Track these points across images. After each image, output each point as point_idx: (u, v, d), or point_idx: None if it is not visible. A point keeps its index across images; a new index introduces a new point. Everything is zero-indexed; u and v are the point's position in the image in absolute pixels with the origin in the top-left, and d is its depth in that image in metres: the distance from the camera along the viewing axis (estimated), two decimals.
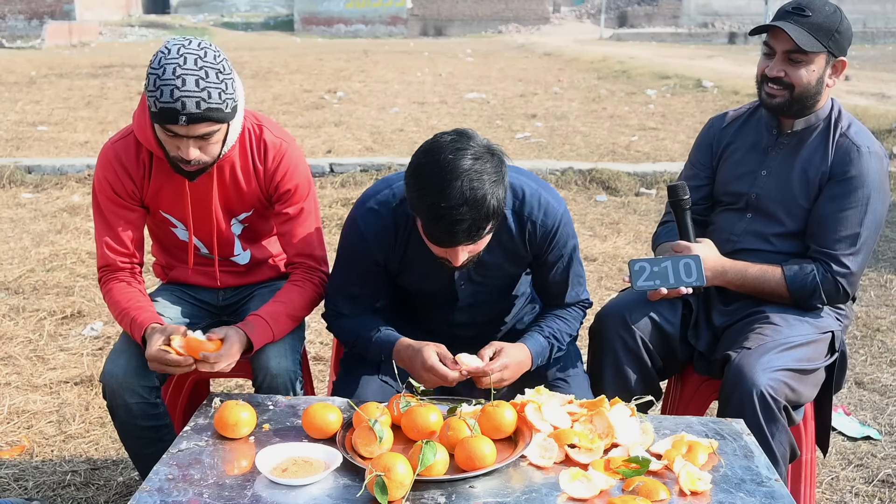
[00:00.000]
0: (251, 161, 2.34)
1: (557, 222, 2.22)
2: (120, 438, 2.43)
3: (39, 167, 7.37)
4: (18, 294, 4.66)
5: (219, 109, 2.06)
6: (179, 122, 2.03)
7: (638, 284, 2.37)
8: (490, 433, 1.87)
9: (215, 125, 2.10)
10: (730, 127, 2.62)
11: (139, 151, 2.30)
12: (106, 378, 2.27)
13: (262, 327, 2.26)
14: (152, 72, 2.04)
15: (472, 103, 12.39)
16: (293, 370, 2.30)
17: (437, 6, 35.89)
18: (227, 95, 2.08)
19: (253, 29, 35.58)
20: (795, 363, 2.26)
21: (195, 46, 2.06)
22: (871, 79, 15.87)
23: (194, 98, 2.01)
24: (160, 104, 2.02)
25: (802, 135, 2.45)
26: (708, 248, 2.42)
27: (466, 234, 1.94)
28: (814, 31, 2.32)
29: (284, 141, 2.37)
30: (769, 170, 2.48)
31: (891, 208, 6.57)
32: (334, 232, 5.83)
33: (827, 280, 2.35)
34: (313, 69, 17.48)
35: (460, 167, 1.88)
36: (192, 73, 2.01)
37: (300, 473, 1.76)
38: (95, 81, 14.66)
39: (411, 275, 2.30)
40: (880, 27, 33.88)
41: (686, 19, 35.88)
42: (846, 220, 2.35)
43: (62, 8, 31.12)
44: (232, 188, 2.36)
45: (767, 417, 2.16)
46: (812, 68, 2.35)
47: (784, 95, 2.39)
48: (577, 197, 6.93)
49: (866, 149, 2.36)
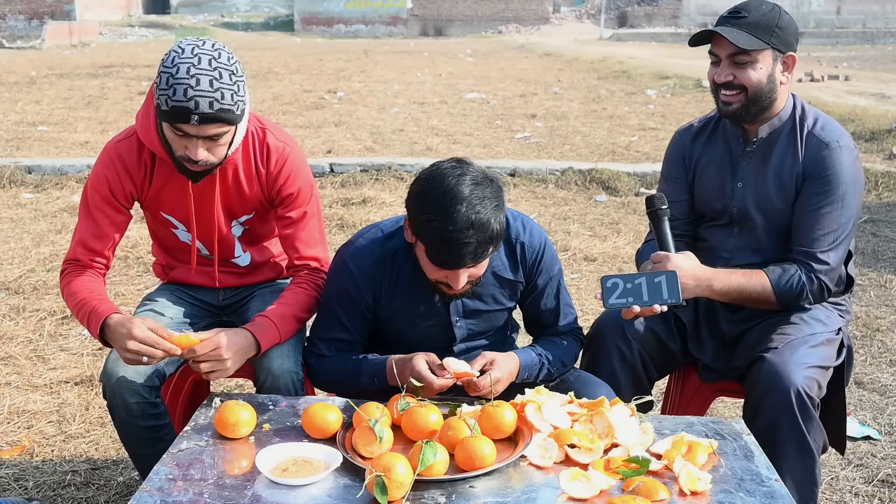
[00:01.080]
0: (254, 164, 2.34)
1: (543, 242, 2.31)
2: (120, 438, 2.43)
3: (39, 167, 7.37)
4: (18, 294, 4.66)
5: (230, 111, 2.07)
6: (192, 121, 2.03)
7: (609, 302, 2.21)
8: (490, 433, 1.87)
9: (225, 126, 2.10)
10: (698, 140, 2.57)
11: (141, 152, 2.30)
12: (106, 378, 2.27)
13: (270, 329, 2.25)
14: (165, 70, 2.03)
15: (472, 103, 12.39)
16: (295, 371, 2.29)
17: (437, 6, 35.89)
18: (238, 97, 2.08)
19: (253, 29, 35.58)
20: (821, 360, 2.28)
21: (209, 47, 2.06)
22: (871, 79, 15.88)
23: (208, 98, 2.01)
24: (172, 102, 2.01)
25: (769, 140, 2.42)
26: (688, 260, 2.33)
27: (472, 256, 2.00)
28: (752, 30, 2.30)
29: (287, 144, 2.37)
30: (744, 181, 2.45)
31: (890, 207, 6.58)
32: (334, 232, 5.83)
33: (811, 280, 2.33)
34: (313, 69, 17.48)
35: (463, 192, 1.98)
36: (206, 74, 2.01)
37: (300, 473, 1.76)
38: (95, 81, 14.66)
39: (402, 314, 2.27)
40: (880, 27, 33.88)
41: (686, 19, 35.87)
42: (823, 219, 2.33)
43: (62, 8, 31.11)
44: (234, 191, 2.36)
45: (805, 415, 2.17)
46: (759, 66, 2.32)
47: (739, 99, 2.35)
48: (577, 197, 6.93)
49: (836, 144, 2.34)
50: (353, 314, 2.26)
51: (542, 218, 6.25)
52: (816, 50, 25.98)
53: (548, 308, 2.35)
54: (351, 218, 6.08)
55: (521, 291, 2.33)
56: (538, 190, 7.08)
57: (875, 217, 6.31)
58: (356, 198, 6.59)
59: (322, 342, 2.30)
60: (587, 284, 4.88)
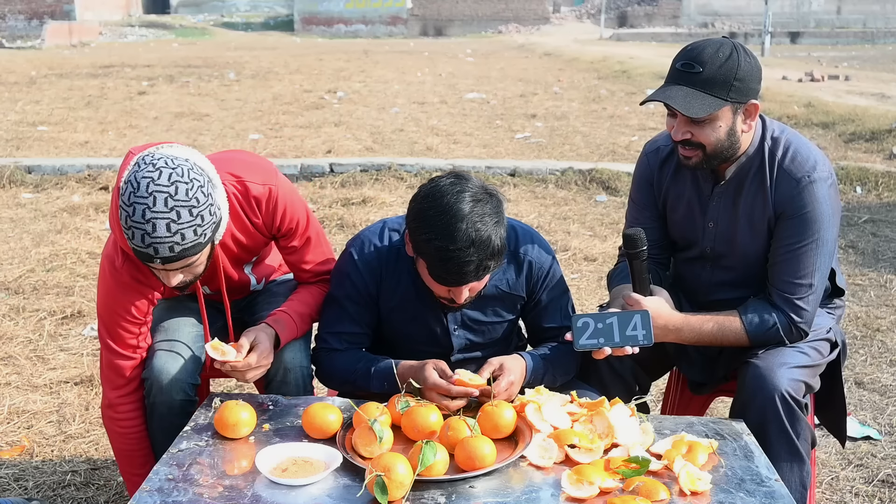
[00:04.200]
0: (246, 219, 2.28)
1: (551, 260, 2.30)
2: (151, 438, 2.35)
3: (39, 167, 7.37)
4: (18, 294, 4.66)
5: (195, 246, 1.94)
6: (155, 262, 1.94)
7: (580, 343, 2.10)
8: (490, 433, 1.87)
9: (192, 258, 1.99)
10: (666, 167, 2.43)
11: (139, 263, 2.18)
12: (156, 375, 2.23)
13: (290, 326, 2.27)
14: (123, 205, 1.90)
15: (472, 103, 12.39)
16: (306, 366, 2.31)
17: (437, 6, 35.89)
18: (202, 229, 1.94)
19: (253, 29, 35.58)
20: (808, 360, 2.26)
21: (165, 180, 1.88)
22: (871, 79, 15.87)
23: (167, 243, 1.89)
24: (133, 245, 1.91)
25: (738, 178, 2.28)
26: (660, 304, 2.23)
27: (474, 274, 2.01)
28: (708, 88, 2.11)
29: (272, 185, 2.28)
30: (714, 221, 2.34)
31: (890, 207, 6.57)
32: (334, 232, 5.83)
33: (790, 330, 2.25)
34: (313, 69, 17.48)
35: (463, 210, 1.97)
36: (162, 217, 1.86)
37: (300, 473, 1.76)
38: (95, 81, 14.65)
39: (404, 315, 2.28)
40: (880, 27, 33.90)
41: (686, 19, 35.89)
42: (801, 259, 2.22)
43: (62, 8, 31.12)
44: (236, 248, 2.34)
45: (791, 418, 2.15)
46: (718, 124, 2.16)
47: (698, 155, 2.21)
48: (577, 197, 6.93)
49: (807, 179, 2.19)
50: (360, 304, 2.27)
51: (542, 218, 6.25)
52: (816, 50, 26.00)
53: (552, 326, 2.33)
54: (351, 218, 6.08)
55: (521, 305, 2.33)
56: (538, 190, 7.08)
57: (875, 217, 6.31)
58: (356, 198, 6.59)
59: (332, 336, 2.30)
60: (587, 284, 4.89)
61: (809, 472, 2.24)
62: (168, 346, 2.30)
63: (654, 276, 2.39)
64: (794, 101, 11.47)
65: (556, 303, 2.33)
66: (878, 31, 32.73)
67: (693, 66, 2.13)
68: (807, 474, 2.22)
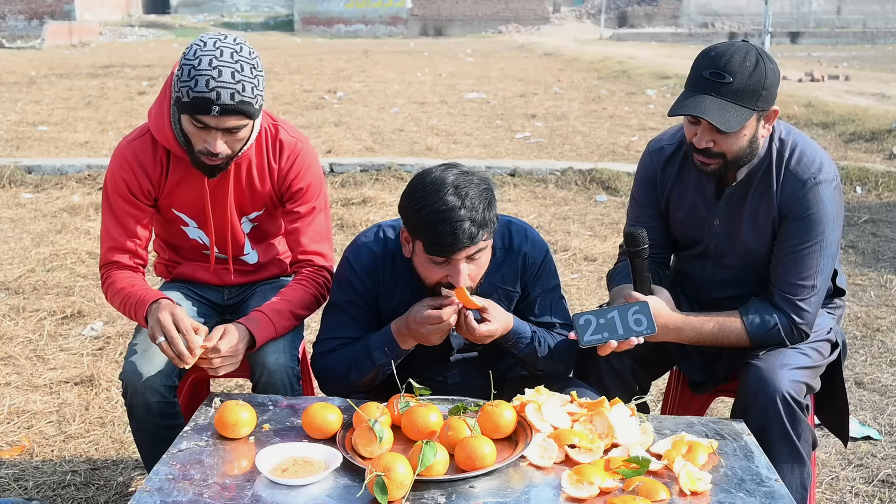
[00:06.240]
0: (266, 160, 2.36)
1: (544, 254, 2.31)
2: (135, 439, 2.42)
3: (39, 167, 7.37)
4: (18, 294, 4.66)
5: (250, 104, 2.09)
6: (212, 111, 2.05)
7: (585, 340, 2.11)
8: (490, 433, 1.87)
9: (244, 119, 2.12)
10: (669, 166, 2.42)
11: (156, 150, 2.31)
12: (129, 377, 2.26)
13: (264, 323, 2.25)
14: (186, 62, 2.05)
15: (472, 103, 12.40)
16: (291, 366, 2.29)
17: (437, 6, 35.90)
18: (258, 91, 2.11)
19: (253, 29, 35.58)
20: (809, 361, 2.26)
21: (231, 41, 2.09)
22: (871, 79, 15.88)
23: (229, 89, 2.04)
24: (194, 93, 2.03)
25: (747, 180, 2.29)
26: (661, 304, 2.22)
27: (468, 236, 2.00)
28: (739, 99, 2.10)
29: (300, 140, 2.40)
30: (720, 219, 2.35)
31: (890, 207, 6.58)
32: (334, 232, 5.81)
33: (791, 332, 2.26)
34: (313, 69, 17.48)
35: (447, 178, 2.03)
36: (228, 66, 2.04)
37: (300, 473, 1.76)
38: (95, 81, 14.66)
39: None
40: (880, 27, 33.90)
41: (686, 19, 35.90)
42: (804, 261, 2.23)
43: (62, 8, 31.12)
44: (247, 187, 2.37)
45: (792, 419, 2.15)
46: (743, 133, 2.15)
47: (717, 163, 2.21)
48: (577, 197, 6.93)
49: (812, 181, 2.21)
50: (362, 307, 2.26)
51: (542, 218, 6.25)
52: (816, 50, 26.00)
53: (540, 321, 2.31)
54: (351, 218, 6.08)
55: (516, 301, 2.33)
56: (538, 190, 7.08)
57: (875, 217, 6.31)
58: (356, 198, 6.59)
59: (332, 341, 2.29)
60: (587, 284, 4.89)
61: (810, 474, 2.24)
62: (144, 346, 2.30)
63: (655, 275, 2.39)
64: (794, 101, 11.47)
65: (546, 297, 2.32)
66: (878, 31, 32.74)
67: (723, 77, 2.10)
68: (807, 475, 2.22)
